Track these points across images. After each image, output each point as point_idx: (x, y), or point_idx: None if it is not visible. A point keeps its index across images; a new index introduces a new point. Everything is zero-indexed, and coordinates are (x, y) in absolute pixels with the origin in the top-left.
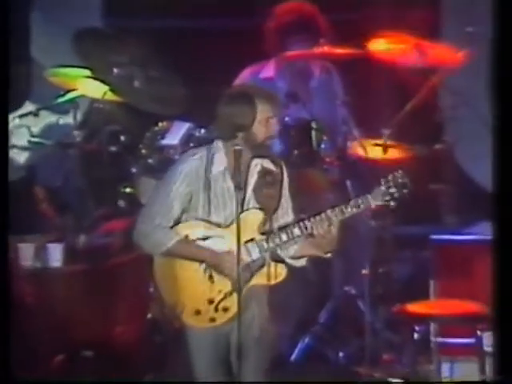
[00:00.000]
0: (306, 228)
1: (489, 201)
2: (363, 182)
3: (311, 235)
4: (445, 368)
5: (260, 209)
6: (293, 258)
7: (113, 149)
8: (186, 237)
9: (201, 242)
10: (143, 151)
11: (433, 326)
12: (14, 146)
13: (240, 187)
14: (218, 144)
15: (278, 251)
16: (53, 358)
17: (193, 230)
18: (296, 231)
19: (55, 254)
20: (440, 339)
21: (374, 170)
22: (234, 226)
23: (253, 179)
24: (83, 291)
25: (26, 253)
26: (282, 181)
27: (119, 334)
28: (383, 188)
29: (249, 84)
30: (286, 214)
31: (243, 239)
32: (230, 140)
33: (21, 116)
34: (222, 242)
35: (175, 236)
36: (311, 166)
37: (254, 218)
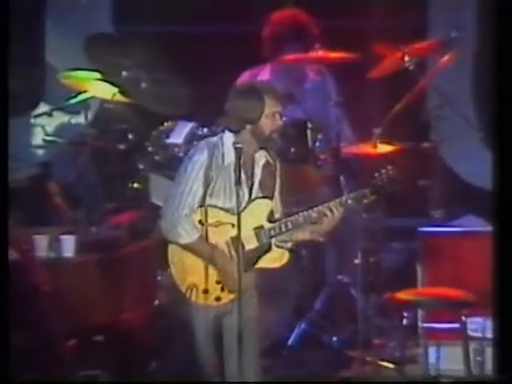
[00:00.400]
0: (310, 217)
1: (474, 195)
2: (355, 178)
3: (314, 223)
4: (431, 351)
5: (268, 198)
6: (285, 241)
7: (121, 147)
8: (201, 223)
9: (214, 229)
10: (150, 149)
11: (420, 312)
12: (30, 145)
13: (241, 181)
14: (229, 135)
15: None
16: (66, 342)
17: (208, 216)
18: (300, 220)
19: (68, 245)
20: (427, 324)
21: (365, 167)
22: (244, 213)
23: (259, 170)
24: (94, 280)
25: (41, 244)
26: (275, 175)
27: (127, 319)
28: (376, 182)
29: (258, 81)
30: (277, 205)
31: (252, 226)
32: (238, 132)
33: (36, 116)
34: (234, 228)
35: (198, 231)
36: (307, 163)
37: (262, 206)
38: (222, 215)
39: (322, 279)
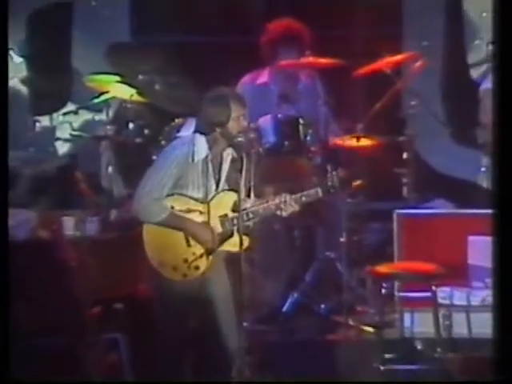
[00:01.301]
0: (270, 209)
1: (443, 182)
2: (341, 167)
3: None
4: (406, 317)
5: (233, 190)
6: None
7: (138, 140)
8: (173, 208)
9: (184, 214)
10: (162, 142)
11: (396, 283)
12: (58, 139)
13: (209, 175)
14: (201, 136)
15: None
16: (91, 309)
17: (179, 203)
18: (260, 211)
19: (91, 226)
20: (402, 294)
21: (349, 157)
22: (212, 202)
23: (226, 166)
24: (113, 255)
25: (68, 224)
26: (240, 171)
27: (142, 290)
28: (327, 183)
29: (224, 88)
30: (243, 196)
31: (218, 215)
32: (209, 134)
33: (64, 114)
34: (201, 215)
35: (167, 209)
36: (299, 154)
37: (227, 197)
38: (191, 203)
39: (312, 255)
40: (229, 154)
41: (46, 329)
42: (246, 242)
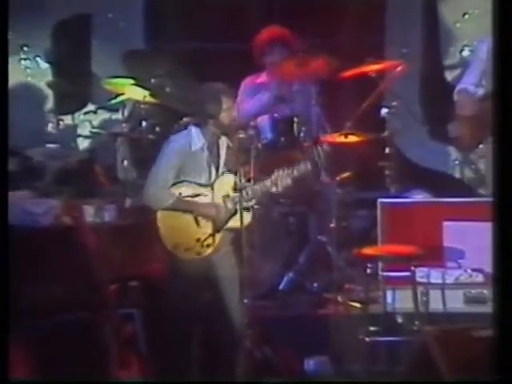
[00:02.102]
0: (266, 186)
1: (421, 174)
2: (330, 160)
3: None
4: (388, 294)
5: (232, 173)
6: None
7: (150, 137)
8: (180, 194)
9: (190, 199)
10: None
11: (380, 264)
12: (80, 135)
13: (209, 161)
14: (196, 128)
15: (244, 203)
16: (109, 286)
17: (186, 189)
18: (258, 188)
19: (109, 213)
20: (385, 273)
21: (338, 152)
22: (215, 185)
23: (223, 151)
24: (129, 239)
25: (88, 212)
26: (236, 156)
27: (156, 269)
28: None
29: (214, 84)
30: (242, 178)
31: (220, 195)
32: (204, 125)
33: (84, 113)
34: (206, 197)
35: (174, 195)
36: (293, 149)
37: (228, 179)
38: (196, 188)
39: (305, 239)
40: (224, 142)
41: (70, 304)
42: (248, 218)
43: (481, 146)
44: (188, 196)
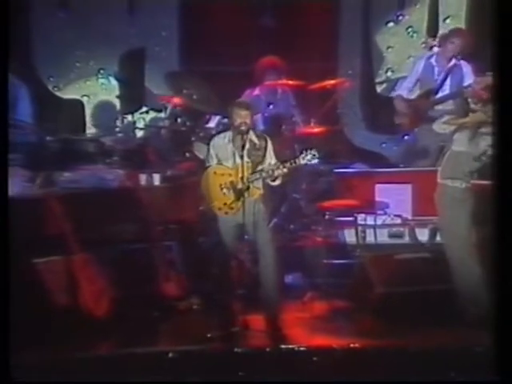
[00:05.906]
0: (272, 170)
1: (362, 153)
2: (304, 145)
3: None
4: (339, 232)
5: (252, 161)
6: (273, 181)
7: (183, 129)
8: (215, 173)
9: (222, 175)
10: (197, 130)
11: (334, 212)
12: (137, 128)
13: (235, 151)
14: (230, 131)
15: (263, 180)
16: (157, 227)
17: (219, 169)
18: (264, 172)
19: (156, 179)
20: (337, 218)
21: (308, 139)
22: (238, 168)
23: (247, 145)
24: (170, 196)
25: (142, 178)
26: (266, 147)
27: (188, 217)
28: (306, 155)
29: (241, 100)
30: (270, 163)
31: (240, 176)
32: (235, 128)
33: (140, 113)
34: (231, 176)
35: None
36: (278, 138)
37: (248, 165)
38: (225, 169)
39: (284, 197)
40: (247, 139)
41: (131, 238)
42: (258, 192)
43: (403, 132)
44: (221, 174)
